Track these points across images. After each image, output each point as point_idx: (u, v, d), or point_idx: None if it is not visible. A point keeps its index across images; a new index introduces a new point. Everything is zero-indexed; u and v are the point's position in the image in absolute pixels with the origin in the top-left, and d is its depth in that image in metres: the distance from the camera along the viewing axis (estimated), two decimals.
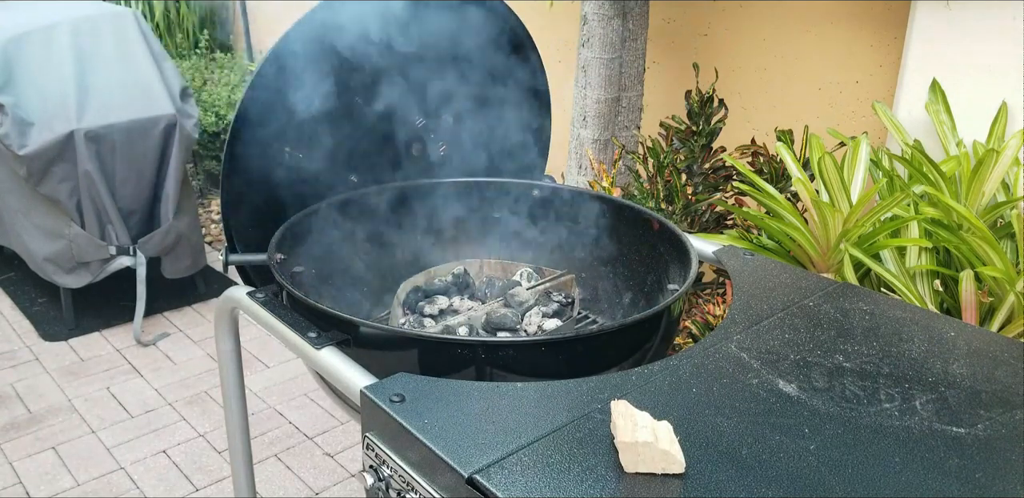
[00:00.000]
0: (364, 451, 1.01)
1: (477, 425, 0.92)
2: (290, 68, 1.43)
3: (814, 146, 1.99)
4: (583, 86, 2.44)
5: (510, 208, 1.68)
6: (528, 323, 1.47)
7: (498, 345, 1.13)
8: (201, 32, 4.94)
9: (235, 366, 1.45)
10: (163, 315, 3.24)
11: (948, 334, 1.15)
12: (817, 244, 1.79)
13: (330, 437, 2.54)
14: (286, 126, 1.51)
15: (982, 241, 1.60)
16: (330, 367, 1.11)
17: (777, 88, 2.53)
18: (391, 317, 1.51)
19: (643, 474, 0.85)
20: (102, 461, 2.42)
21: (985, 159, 1.73)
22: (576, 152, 2.53)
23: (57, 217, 2.87)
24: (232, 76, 4.08)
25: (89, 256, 2.91)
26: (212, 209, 4.16)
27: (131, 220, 2.96)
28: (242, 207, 1.47)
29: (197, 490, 2.31)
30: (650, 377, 1.03)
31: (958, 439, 0.92)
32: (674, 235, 1.42)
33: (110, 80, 2.88)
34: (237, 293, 1.32)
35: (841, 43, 2.33)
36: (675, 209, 2.17)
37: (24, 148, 2.68)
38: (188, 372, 2.87)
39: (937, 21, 1.97)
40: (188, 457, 2.44)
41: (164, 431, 2.56)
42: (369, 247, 1.61)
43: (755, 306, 1.22)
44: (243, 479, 1.57)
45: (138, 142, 2.86)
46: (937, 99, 1.99)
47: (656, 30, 2.68)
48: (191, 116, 2.99)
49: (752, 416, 0.95)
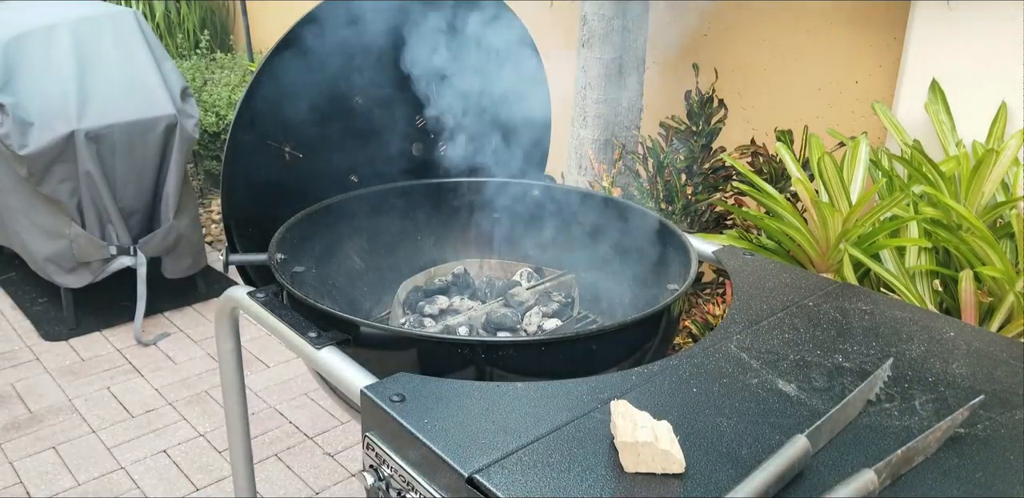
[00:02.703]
0: (364, 451, 1.01)
1: (477, 425, 0.92)
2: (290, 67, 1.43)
3: (814, 146, 1.99)
4: (583, 86, 2.44)
5: (510, 208, 1.68)
6: (528, 323, 1.47)
7: (498, 345, 1.13)
8: (201, 32, 4.94)
9: (235, 366, 1.45)
10: (163, 315, 3.24)
11: (948, 334, 1.15)
12: (817, 244, 1.79)
13: (330, 437, 2.54)
14: (286, 126, 1.51)
15: (982, 241, 1.60)
16: (330, 367, 1.11)
17: (777, 88, 2.53)
18: (391, 317, 1.51)
19: (643, 474, 0.85)
20: (102, 461, 2.42)
21: (985, 159, 1.73)
22: (576, 152, 2.54)
23: (58, 217, 2.87)
24: (232, 76, 4.08)
25: (90, 256, 2.92)
26: (212, 209, 4.16)
27: (132, 220, 2.96)
28: (242, 207, 1.47)
29: (197, 490, 2.31)
30: (650, 377, 1.03)
31: (958, 439, 0.92)
32: (674, 235, 1.42)
33: (111, 80, 2.88)
34: (237, 293, 1.32)
35: (841, 43, 2.33)
36: (675, 209, 2.17)
37: (25, 148, 2.68)
38: (188, 372, 2.88)
39: (937, 21, 1.97)
40: (188, 457, 2.44)
41: (164, 431, 2.56)
42: (369, 247, 1.61)
43: (755, 306, 1.22)
44: (243, 479, 1.57)
45: (139, 142, 2.87)
46: (937, 99, 2.00)
47: (656, 30, 2.68)
48: (192, 116, 3.00)
49: (752, 416, 0.95)
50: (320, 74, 1.49)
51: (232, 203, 1.45)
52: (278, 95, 1.45)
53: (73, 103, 2.76)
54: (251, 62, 4.35)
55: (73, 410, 2.65)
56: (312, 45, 1.42)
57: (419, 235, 1.69)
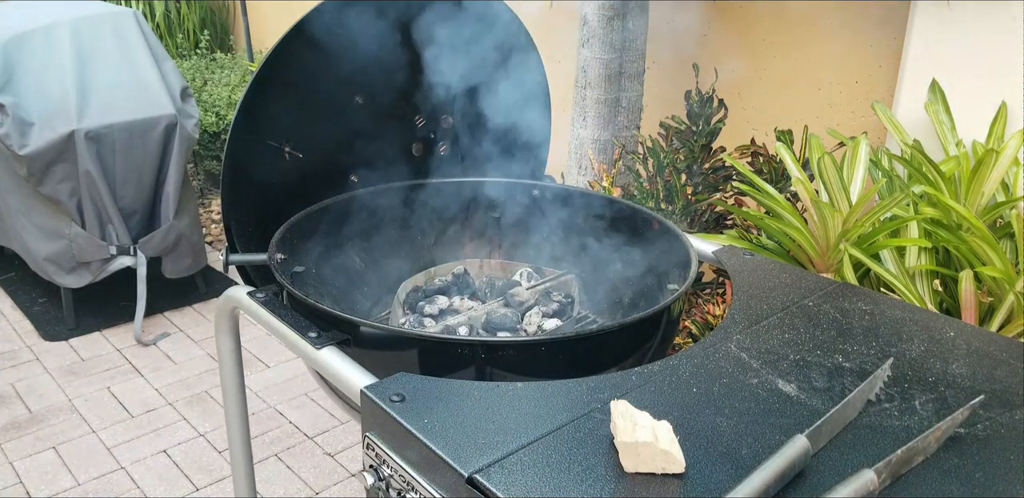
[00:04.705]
0: (364, 451, 1.01)
1: (477, 425, 0.92)
2: (291, 67, 1.43)
3: (814, 146, 1.99)
4: (583, 86, 2.45)
5: (510, 208, 1.68)
6: (528, 323, 1.47)
7: (498, 345, 1.13)
8: (201, 32, 4.94)
9: (235, 366, 1.45)
10: (164, 315, 3.24)
11: (948, 334, 1.15)
12: (817, 244, 1.79)
13: (330, 437, 2.54)
14: (286, 126, 1.51)
15: (981, 241, 1.60)
16: (330, 367, 1.11)
17: (777, 88, 2.53)
18: (391, 317, 1.51)
19: (643, 474, 0.85)
20: (102, 461, 2.42)
21: (985, 159, 1.73)
22: (576, 152, 2.54)
23: (57, 217, 2.87)
24: (232, 76, 4.08)
25: (89, 256, 2.92)
26: (212, 209, 4.16)
27: (132, 220, 2.96)
28: (242, 207, 1.47)
29: (197, 490, 2.31)
30: (650, 377, 1.03)
31: (958, 439, 0.92)
32: (674, 235, 1.42)
33: (111, 80, 2.88)
34: (237, 293, 1.32)
35: (841, 43, 2.33)
36: (675, 209, 2.17)
37: (25, 148, 2.68)
38: (188, 372, 2.88)
39: (937, 21, 1.97)
40: (188, 457, 2.44)
41: (164, 431, 2.56)
42: (369, 247, 1.61)
43: (755, 306, 1.22)
44: (243, 479, 1.57)
45: (139, 142, 2.87)
46: (937, 99, 2.00)
47: (656, 30, 2.68)
48: (192, 116, 3.00)
49: (752, 416, 0.95)
50: (320, 74, 1.49)
51: (232, 203, 1.45)
52: (278, 95, 1.45)
53: (73, 103, 2.76)
54: (251, 62, 4.35)
55: (73, 410, 2.65)
56: (312, 45, 1.42)
57: (419, 235, 1.69)
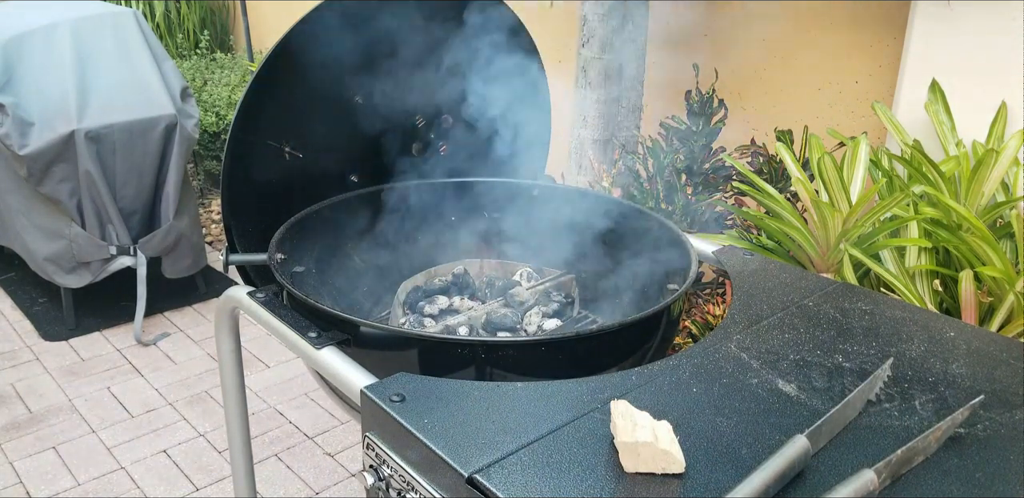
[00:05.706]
0: (364, 451, 1.01)
1: (477, 425, 0.92)
2: (291, 67, 1.43)
3: (814, 146, 1.99)
4: (583, 86, 2.45)
5: (510, 208, 1.68)
6: (528, 323, 1.47)
7: (498, 345, 1.13)
8: (201, 32, 4.94)
9: (235, 366, 1.45)
10: (164, 315, 3.24)
11: (948, 334, 1.15)
12: (817, 244, 1.79)
13: (330, 437, 2.54)
14: (286, 126, 1.51)
15: (981, 241, 1.60)
16: (330, 367, 1.11)
17: (777, 88, 2.53)
18: (391, 317, 1.51)
19: (643, 474, 0.85)
20: (102, 461, 2.42)
21: (984, 159, 1.73)
22: (576, 152, 2.54)
23: (57, 217, 2.87)
24: (232, 76, 4.08)
25: (89, 256, 2.92)
26: (212, 209, 4.16)
27: (132, 220, 2.96)
28: (242, 207, 1.47)
29: (197, 490, 2.31)
30: (650, 377, 1.03)
31: (958, 439, 0.92)
32: (674, 235, 1.42)
33: (111, 80, 2.88)
34: (237, 293, 1.32)
35: (841, 43, 2.33)
36: (675, 209, 2.17)
37: (25, 148, 2.68)
38: (188, 372, 2.88)
39: (937, 21, 1.97)
40: (188, 457, 2.44)
41: (164, 431, 2.56)
42: (369, 247, 1.61)
43: (755, 306, 1.22)
44: (243, 479, 1.57)
45: (139, 142, 2.87)
46: (937, 99, 2.00)
47: (656, 30, 2.68)
48: (192, 116, 3.00)
49: (752, 416, 0.95)
50: (320, 73, 1.49)
51: (232, 203, 1.45)
52: (278, 95, 1.45)
53: (73, 103, 2.76)
54: (251, 62, 4.35)
55: (73, 410, 2.65)
56: (312, 45, 1.42)
57: (419, 235, 1.69)
